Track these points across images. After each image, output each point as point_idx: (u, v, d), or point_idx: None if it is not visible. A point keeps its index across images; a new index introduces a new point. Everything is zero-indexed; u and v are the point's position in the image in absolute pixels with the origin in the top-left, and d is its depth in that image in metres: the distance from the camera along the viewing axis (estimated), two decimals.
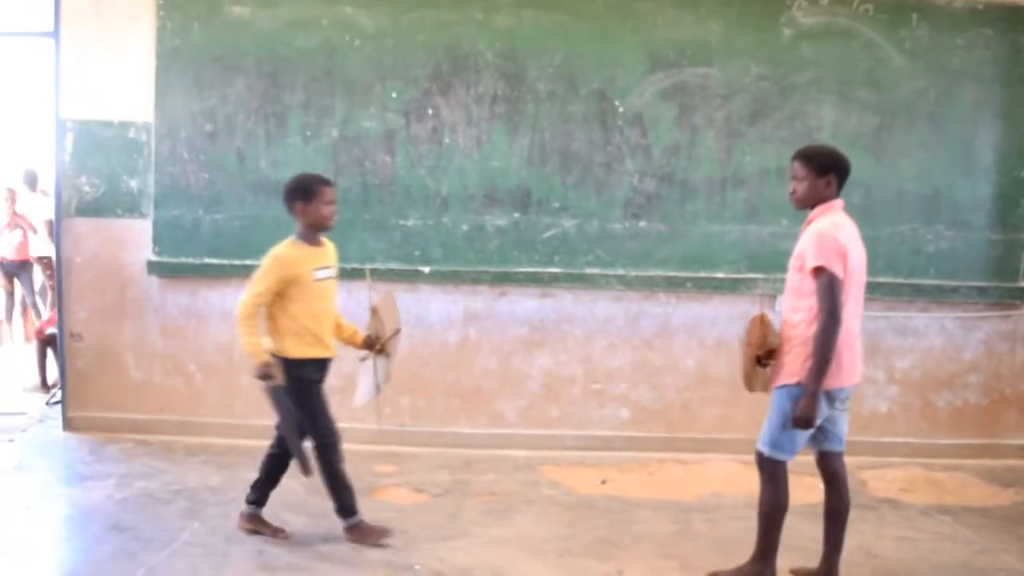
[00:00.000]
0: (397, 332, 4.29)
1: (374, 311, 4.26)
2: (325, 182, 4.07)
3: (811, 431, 3.58)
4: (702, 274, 5.66)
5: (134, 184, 5.65)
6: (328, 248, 4.17)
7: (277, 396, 3.95)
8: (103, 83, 5.61)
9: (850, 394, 3.69)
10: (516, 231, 5.65)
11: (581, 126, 5.61)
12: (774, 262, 5.09)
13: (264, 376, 3.89)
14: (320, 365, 4.09)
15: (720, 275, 5.62)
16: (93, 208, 5.68)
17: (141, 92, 5.58)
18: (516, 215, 5.64)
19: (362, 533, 4.12)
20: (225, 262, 5.62)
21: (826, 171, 3.59)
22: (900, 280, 5.65)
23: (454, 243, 5.65)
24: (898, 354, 5.81)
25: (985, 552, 4.29)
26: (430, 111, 5.59)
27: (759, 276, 5.60)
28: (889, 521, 4.66)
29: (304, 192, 4.02)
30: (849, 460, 5.33)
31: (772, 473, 3.67)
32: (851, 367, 3.60)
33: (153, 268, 5.67)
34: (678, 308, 5.77)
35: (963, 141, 5.70)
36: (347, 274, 4.38)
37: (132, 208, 5.67)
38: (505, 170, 5.63)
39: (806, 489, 4.51)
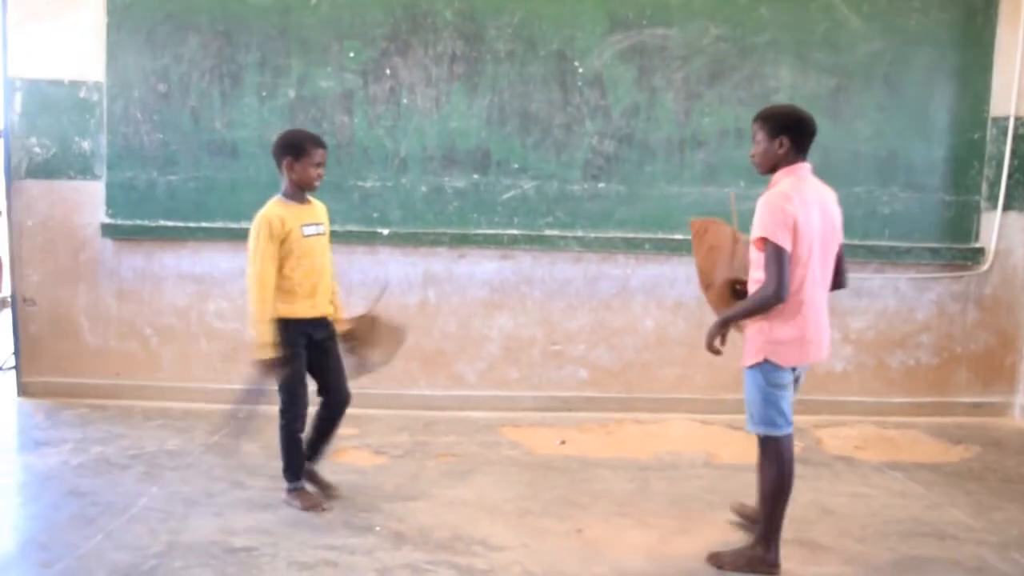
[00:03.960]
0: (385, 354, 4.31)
1: (372, 322, 4.28)
2: (318, 143, 3.98)
3: (791, 392, 3.48)
4: (660, 235, 5.68)
5: (86, 145, 5.55)
6: (317, 206, 4.11)
7: (260, 384, 3.99)
8: (53, 41, 5.48)
9: (806, 368, 3.59)
10: (475, 192, 5.63)
11: (540, 87, 5.58)
12: (731, 223, 5.09)
13: (263, 370, 3.89)
14: (309, 326, 4.03)
15: (678, 236, 5.61)
16: (44, 170, 5.57)
17: (92, 50, 5.46)
18: (475, 176, 5.62)
19: (299, 498, 4.10)
20: (180, 224, 5.55)
21: (778, 133, 3.44)
22: (855, 242, 5.66)
23: (413, 205, 5.61)
24: (853, 315, 5.88)
25: (935, 507, 4.38)
26: (388, 71, 5.53)
27: None
28: (843, 478, 4.75)
29: (295, 149, 3.94)
30: (805, 419, 5.48)
31: (775, 451, 3.48)
32: (817, 344, 3.47)
33: (107, 231, 5.58)
34: (637, 269, 5.79)
35: (918, 103, 5.74)
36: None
37: (84, 169, 5.57)
38: (464, 131, 5.59)
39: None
